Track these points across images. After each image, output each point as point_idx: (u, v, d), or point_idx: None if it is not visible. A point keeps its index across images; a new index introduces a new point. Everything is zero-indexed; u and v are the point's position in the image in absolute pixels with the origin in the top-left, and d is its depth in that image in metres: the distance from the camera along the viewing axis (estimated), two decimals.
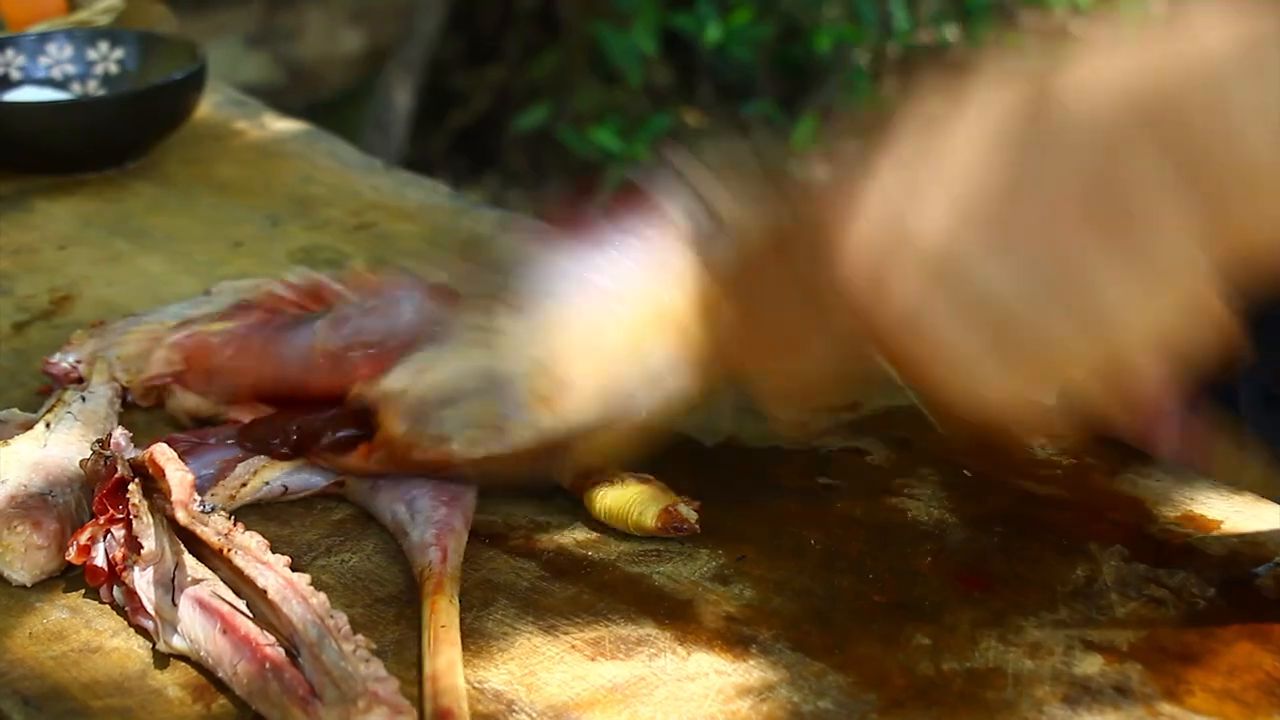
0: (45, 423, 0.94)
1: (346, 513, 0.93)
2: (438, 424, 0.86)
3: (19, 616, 0.85)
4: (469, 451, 0.86)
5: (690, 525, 0.87)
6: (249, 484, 0.91)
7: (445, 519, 0.88)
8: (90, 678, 0.80)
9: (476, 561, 0.88)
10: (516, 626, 0.83)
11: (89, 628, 0.84)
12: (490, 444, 0.86)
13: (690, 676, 0.79)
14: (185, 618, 0.81)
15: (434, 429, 0.86)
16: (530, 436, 0.85)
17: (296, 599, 0.80)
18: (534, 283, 0.87)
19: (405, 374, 0.88)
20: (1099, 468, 0.93)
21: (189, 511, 0.83)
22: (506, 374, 0.85)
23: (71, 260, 1.24)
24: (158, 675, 0.81)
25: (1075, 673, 0.78)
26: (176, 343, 0.98)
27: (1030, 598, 0.83)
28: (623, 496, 0.89)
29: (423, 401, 0.87)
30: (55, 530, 0.87)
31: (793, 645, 0.81)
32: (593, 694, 0.78)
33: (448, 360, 0.88)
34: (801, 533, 0.89)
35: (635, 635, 0.82)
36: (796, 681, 0.78)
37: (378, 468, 0.90)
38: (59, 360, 1.03)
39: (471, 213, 1.31)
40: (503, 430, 0.85)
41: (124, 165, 1.39)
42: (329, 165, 1.41)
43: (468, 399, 0.86)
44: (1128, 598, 0.82)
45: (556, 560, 0.88)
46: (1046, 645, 0.79)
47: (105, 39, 1.46)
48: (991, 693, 0.77)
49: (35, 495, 0.89)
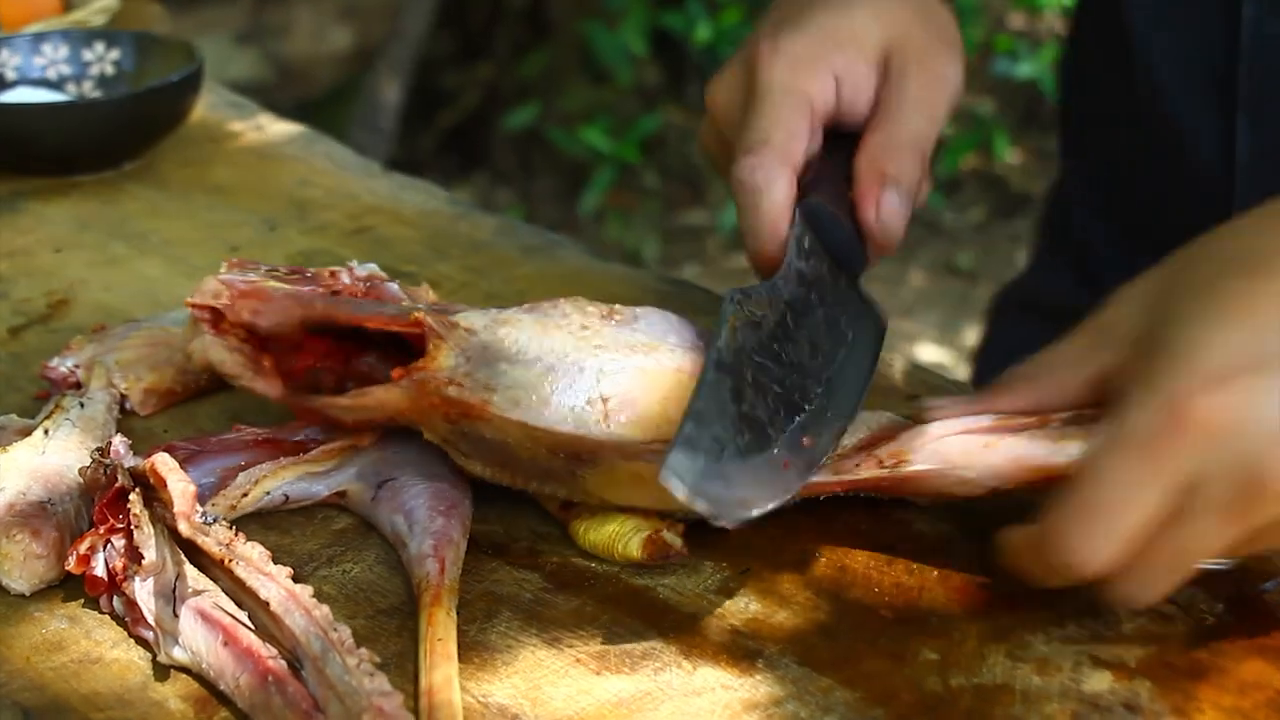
0: (44, 429, 0.93)
1: (347, 522, 0.92)
2: (490, 373, 0.85)
3: (18, 626, 0.84)
4: (506, 410, 0.84)
5: (677, 550, 0.86)
6: (250, 493, 0.90)
7: (443, 529, 0.87)
8: (90, 689, 0.80)
9: (479, 573, 0.87)
10: (520, 639, 0.82)
11: (89, 638, 0.83)
12: (530, 413, 0.84)
13: (696, 691, 0.78)
14: (186, 629, 0.80)
15: (484, 375, 0.85)
16: (570, 427, 0.84)
17: (299, 611, 0.79)
18: (639, 313, 0.89)
19: (481, 318, 0.87)
20: None
21: (191, 523, 0.82)
22: (579, 362, 0.85)
23: (68, 263, 1.23)
24: (159, 687, 0.80)
25: (1084, 689, 0.77)
26: (229, 281, 0.94)
27: (1037, 613, 0.82)
28: (606, 529, 0.88)
29: (486, 347, 0.86)
30: (54, 539, 0.87)
31: (799, 660, 0.80)
32: (598, 709, 0.77)
33: (528, 326, 0.87)
34: (806, 546, 0.89)
35: (640, 649, 0.81)
36: (803, 697, 0.78)
37: (395, 402, 0.88)
38: (57, 365, 1.03)
39: (470, 217, 1.31)
40: (548, 407, 0.84)
41: (120, 167, 1.38)
42: (326, 168, 1.40)
43: (531, 365, 0.85)
44: (1135, 614, 0.82)
45: (560, 572, 0.87)
46: (1055, 661, 0.79)
47: (101, 40, 1.45)
48: (1000, 709, 0.76)
49: (34, 503, 0.88)
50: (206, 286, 0.94)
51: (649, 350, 0.86)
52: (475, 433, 0.86)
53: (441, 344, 0.86)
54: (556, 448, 0.85)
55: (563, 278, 1.20)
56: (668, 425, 0.84)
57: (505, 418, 0.85)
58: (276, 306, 0.92)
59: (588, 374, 0.85)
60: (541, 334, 0.86)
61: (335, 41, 4.53)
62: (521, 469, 0.87)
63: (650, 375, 0.85)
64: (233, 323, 0.93)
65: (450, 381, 0.86)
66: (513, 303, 1.13)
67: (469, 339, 0.86)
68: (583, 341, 0.86)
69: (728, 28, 4.08)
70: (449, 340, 0.86)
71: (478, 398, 0.85)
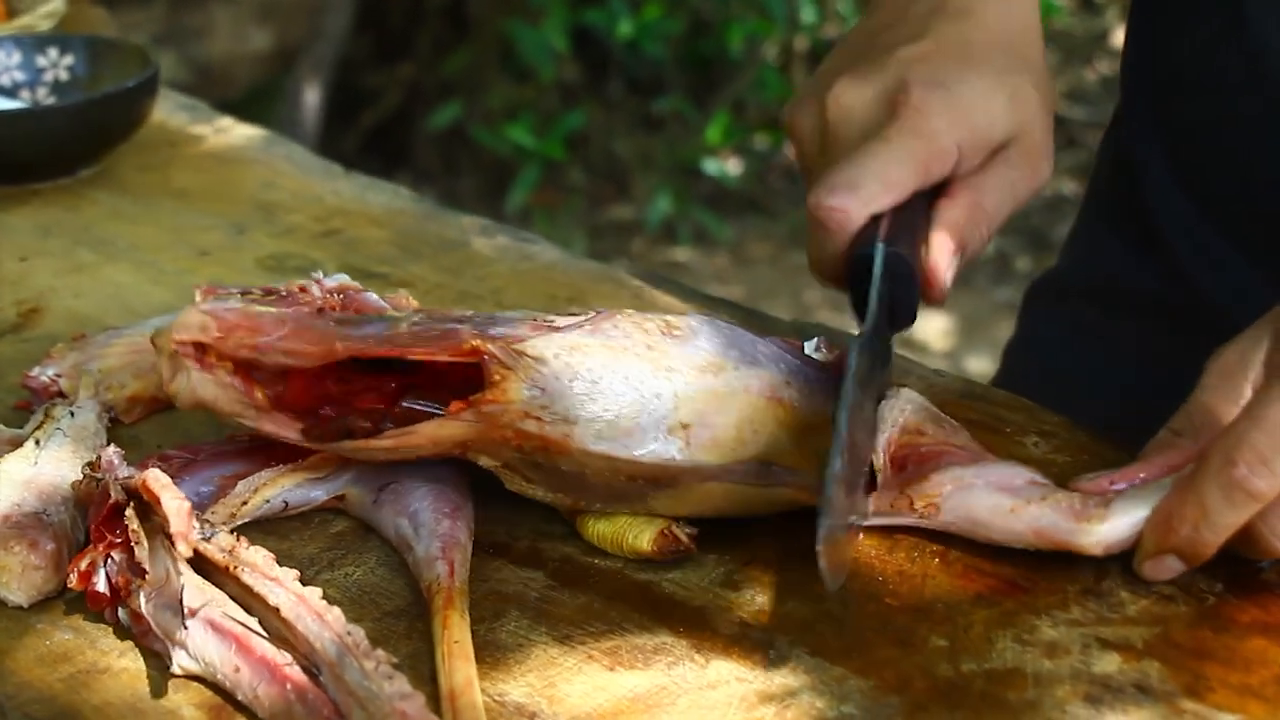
0: (35, 439, 0.93)
1: (345, 525, 0.92)
2: (569, 405, 0.84)
3: (21, 638, 0.83)
4: (589, 444, 0.84)
5: (686, 545, 0.87)
6: (250, 501, 0.90)
7: (449, 532, 0.87)
8: (101, 699, 0.79)
9: (482, 573, 0.87)
10: (530, 638, 0.82)
11: (94, 648, 0.83)
12: (614, 445, 0.84)
13: (711, 684, 0.79)
14: (197, 640, 0.80)
15: (561, 408, 0.84)
16: (655, 458, 0.84)
17: (311, 615, 0.79)
18: (694, 326, 0.88)
19: (549, 345, 0.85)
20: (1095, 466, 0.93)
21: (189, 542, 0.81)
22: (656, 390, 0.85)
23: (34, 272, 1.22)
24: (171, 696, 0.79)
25: (1094, 671, 0.78)
26: (213, 311, 0.89)
27: (1041, 598, 0.83)
28: (614, 521, 0.88)
29: (558, 377, 0.84)
30: (52, 550, 0.86)
31: (810, 650, 0.81)
32: (615, 704, 0.78)
33: (598, 350, 0.85)
34: (806, 537, 0.89)
35: (651, 644, 0.82)
36: (818, 687, 0.78)
37: (453, 436, 0.85)
38: (38, 374, 1.02)
39: (439, 216, 1.31)
40: (631, 439, 0.84)
41: (76, 174, 1.37)
42: (288, 170, 1.39)
43: (608, 395, 0.84)
44: (1138, 595, 0.83)
45: (563, 569, 0.88)
46: (1063, 644, 0.80)
47: (54, 45, 1.44)
48: (1013, 693, 0.77)
49: (30, 514, 0.88)
50: (190, 320, 0.89)
51: (717, 370, 0.86)
52: (551, 464, 0.85)
53: (509, 374, 0.84)
54: (637, 475, 0.85)
55: (537, 275, 1.20)
56: (741, 447, 0.86)
57: (589, 451, 0.84)
58: (273, 361, 0.88)
59: (664, 400, 0.85)
60: (612, 360, 0.85)
61: (254, 42, 4.50)
62: (591, 494, 0.87)
63: (722, 398, 0.86)
64: (222, 355, 0.89)
65: (526, 415, 0.84)
66: (489, 300, 1.14)
67: (540, 370, 0.84)
68: (652, 364, 0.85)
69: (649, 22, 4.09)
70: (517, 371, 0.84)
71: (559, 432, 0.84)
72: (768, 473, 0.87)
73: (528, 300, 1.15)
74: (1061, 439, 0.97)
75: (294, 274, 1.20)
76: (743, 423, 0.86)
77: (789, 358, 0.90)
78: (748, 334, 0.90)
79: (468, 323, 0.87)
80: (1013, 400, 1.01)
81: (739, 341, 0.89)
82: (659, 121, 4.40)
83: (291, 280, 0.95)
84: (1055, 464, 0.94)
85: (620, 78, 4.44)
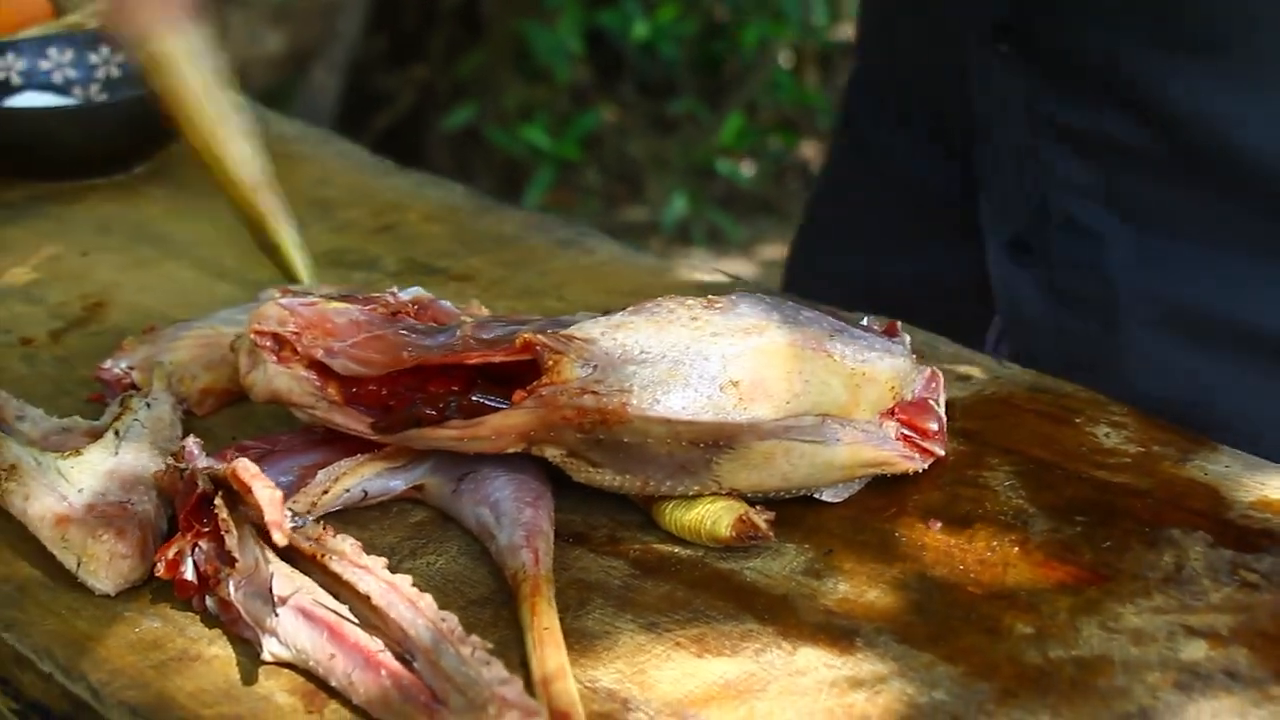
0: (114, 431, 0.93)
1: (423, 515, 0.92)
2: (622, 376, 0.86)
3: (110, 626, 0.84)
4: (647, 408, 0.85)
5: (764, 532, 0.87)
6: (330, 490, 0.90)
7: (532, 520, 0.88)
8: (195, 686, 0.80)
9: (564, 562, 0.88)
10: (617, 625, 0.83)
11: (183, 635, 0.83)
12: (669, 409, 0.85)
13: (800, 671, 0.79)
14: (288, 627, 0.80)
15: (614, 379, 0.86)
16: (711, 416, 0.86)
17: (403, 603, 0.79)
18: (735, 298, 0.90)
19: (596, 326, 0.88)
20: (1168, 455, 0.94)
21: (284, 531, 0.82)
22: (703, 352, 0.86)
23: (96, 266, 1.23)
24: (263, 682, 0.80)
25: (1182, 658, 0.79)
26: (291, 306, 0.91)
27: (1124, 585, 0.84)
28: (693, 510, 0.89)
29: (609, 353, 0.86)
30: (138, 538, 0.87)
31: (897, 637, 0.81)
32: (706, 690, 0.78)
33: (643, 326, 0.87)
34: (883, 526, 0.90)
35: (738, 631, 0.82)
36: (906, 674, 0.79)
37: (518, 426, 0.87)
38: (110, 367, 1.02)
39: (495, 211, 1.31)
40: (686, 400, 0.85)
41: (130, 170, 1.38)
42: (341, 166, 1.40)
43: (658, 362, 0.86)
44: (1220, 583, 0.84)
45: (644, 559, 0.88)
46: (1148, 632, 0.81)
47: (106, 43, 1.44)
48: (1103, 680, 0.77)
49: (115, 504, 0.88)
50: (269, 312, 0.91)
51: (761, 331, 0.87)
52: (612, 439, 0.86)
53: (562, 358, 0.86)
54: (697, 439, 0.86)
55: (598, 270, 1.20)
56: (794, 399, 0.87)
57: (646, 416, 0.85)
58: (345, 365, 0.90)
59: (713, 361, 0.86)
60: (658, 332, 0.87)
61: (268, 44, 4.50)
62: (657, 469, 0.88)
63: (769, 353, 0.87)
64: (297, 350, 0.91)
65: (584, 391, 0.86)
66: (551, 295, 1.15)
67: (589, 348, 0.86)
68: (699, 332, 0.87)
69: (664, 24, 4.10)
70: (569, 353, 0.86)
71: (616, 401, 0.85)
72: (823, 427, 0.88)
73: (590, 294, 1.15)
74: (1132, 428, 0.97)
75: (353, 269, 1.20)
76: (792, 374, 0.87)
77: (832, 319, 0.92)
78: (790, 303, 0.92)
79: (529, 326, 0.89)
80: (1081, 391, 1.01)
81: (781, 307, 0.90)
82: (673, 123, 4.41)
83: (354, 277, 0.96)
84: (1128, 454, 0.95)
85: (633, 79, 4.45)
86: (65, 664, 0.81)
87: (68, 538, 0.87)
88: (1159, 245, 1.13)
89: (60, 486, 0.89)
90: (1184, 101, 1.09)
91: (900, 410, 0.91)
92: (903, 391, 0.91)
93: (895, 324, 0.94)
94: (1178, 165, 1.11)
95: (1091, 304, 1.15)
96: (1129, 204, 1.13)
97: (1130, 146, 1.12)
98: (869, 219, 1.34)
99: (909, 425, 0.91)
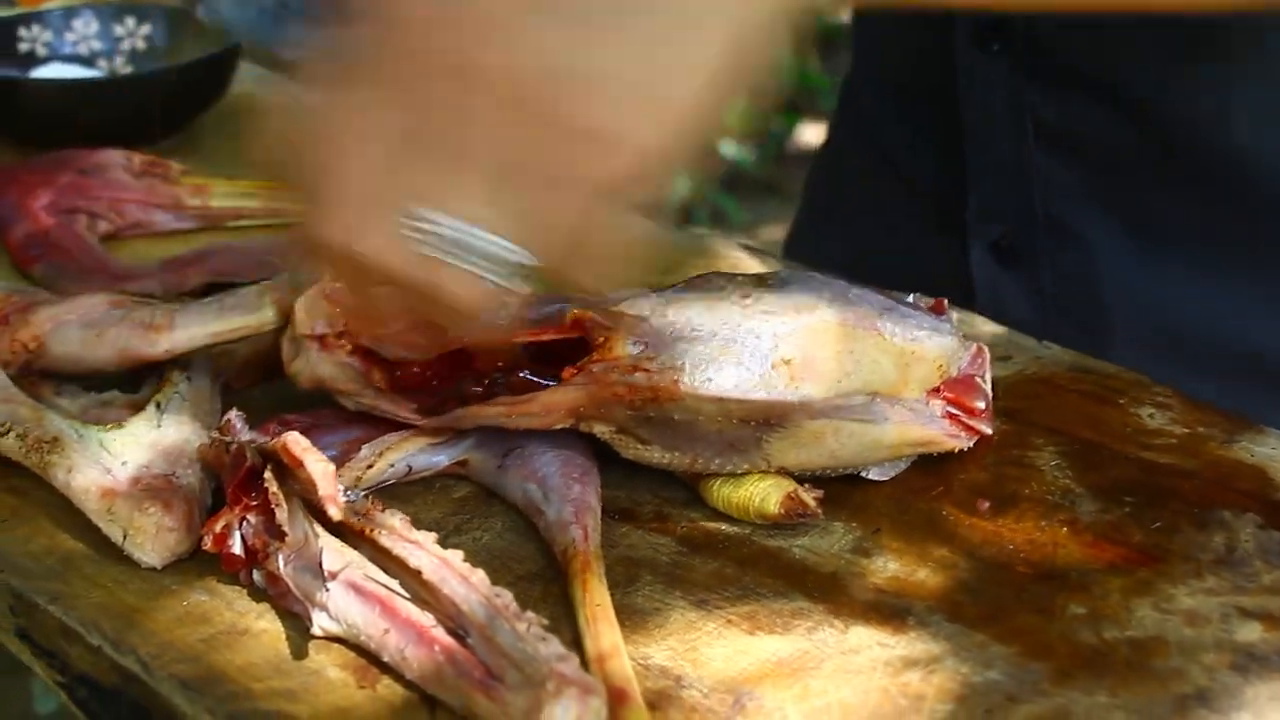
0: (156, 403, 0.93)
1: (467, 490, 0.92)
2: (673, 353, 0.85)
3: (157, 599, 0.83)
4: (699, 386, 0.85)
5: (813, 510, 0.87)
6: (375, 465, 0.90)
7: (581, 496, 0.87)
8: (245, 660, 0.79)
9: (610, 538, 0.87)
10: (667, 602, 0.83)
11: (231, 609, 0.83)
12: (721, 387, 0.85)
13: (854, 649, 0.79)
14: (339, 602, 0.80)
15: (666, 357, 0.86)
16: (763, 394, 0.85)
17: (455, 578, 0.79)
18: (785, 276, 0.90)
19: (647, 303, 0.87)
20: (1213, 436, 0.94)
21: (338, 505, 0.81)
22: (754, 330, 0.86)
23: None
24: (313, 656, 0.80)
25: (1238, 640, 0.78)
26: (334, 296, 0.91)
27: (1175, 566, 0.84)
28: (741, 488, 0.89)
29: (660, 330, 0.86)
30: (184, 511, 0.86)
31: (949, 617, 0.81)
32: (760, 668, 0.78)
33: (694, 302, 0.87)
34: (930, 505, 0.90)
35: (789, 609, 0.82)
36: (960, 653, 0.78)
37: (568, 402, 0.87)
38: None
39: None
40: (738, 378, 0.85)
41: (156, 143, 1.37)
42: None
43: (710, 340, 0.86)
44: (1272, 565, 0.84)
45: (691, 535, 0.88)
46: (1202, 613, 0.80)
47: (131, 15, 1.44)
48: (1159, 661, 0.77)
49: (160, 476, 0.88)
50: (316, 306, 0.92)
51: (812, 309, 0.87)
52: (663, 416, 0.86)
53: (613, 335, 0.86)
54: (749, 417, 0.86)
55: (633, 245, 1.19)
56: (845, 378, 0.87)
57: (698, 394, 0.85)
58: (406, 340, 0.89)
59: (765, 339, 0.86)
60: (709, 309, 0.87)
61: None
62: (706, 447, 0.87)
63: (819, 332, 0.87)
64: (341, 335, 0.91)
65: (635, 368, 0.86)
66: None
67: (640, 325, 0.86)
68: (750, 309, 0.87)
69: None
70: (620, 330, 0.86)
71: (668, 379, 0.85)
72: (873, 406, 0.87)
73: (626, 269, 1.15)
74: (1176, 410, 0.97)
75: None
76: (842, 353, 0.87)
77: (881, 297, 0.91)
78: (840, 281, 0.91)
79: (574, 302, 0.88)
80: (1124, 373, 1.01)
81: (831, 285, 0.90)
82: None
83: None
84: (1173, 435, 0.95)
85: None
86: (114, 637, 0.81)
87: (113, 510, 0.86)
88: (1148, 253, 1.12)
89: (104, 459, 0.89)
90: (1174, 102, 1.09)
91: (947, 388, 0.91)
92: (949, 369, 0.91)
93: (942, 301, 0.94)
94: (1167, 167, 1.10)
95: (1078, 312, 1.15)
96: (1117, 207, 1.13)
97: (1119, 148, 1.11)
98: (861, 209, 1.33)
99: (955, 403, 0.91)
